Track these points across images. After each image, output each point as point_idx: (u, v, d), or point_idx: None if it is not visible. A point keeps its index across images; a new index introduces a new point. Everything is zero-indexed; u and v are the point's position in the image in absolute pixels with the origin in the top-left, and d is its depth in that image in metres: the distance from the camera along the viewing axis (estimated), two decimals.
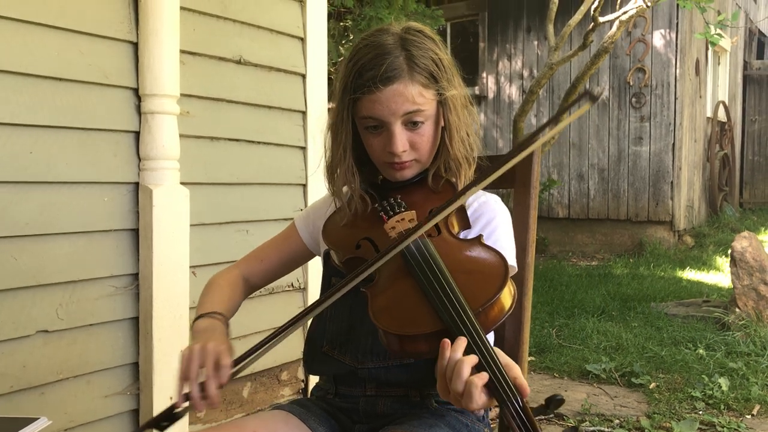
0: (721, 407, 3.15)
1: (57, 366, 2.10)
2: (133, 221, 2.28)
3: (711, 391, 3.28)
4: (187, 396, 1.11)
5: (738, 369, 3.56)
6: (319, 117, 3.00)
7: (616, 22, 5.11)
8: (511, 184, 1.51)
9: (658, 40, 7.55)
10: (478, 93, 8.55)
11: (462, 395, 0.96)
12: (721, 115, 9.65)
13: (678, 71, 7.50)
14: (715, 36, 4.97)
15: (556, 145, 8.01)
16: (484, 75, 8.60)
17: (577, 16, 5.35)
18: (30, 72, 2.01)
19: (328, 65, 3.40)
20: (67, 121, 2.11)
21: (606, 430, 2.94)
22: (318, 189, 2.99)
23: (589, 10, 5.25)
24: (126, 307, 2.28)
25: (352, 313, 1.29)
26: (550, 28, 5.56)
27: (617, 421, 3.03)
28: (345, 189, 1.32)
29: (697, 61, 8.25)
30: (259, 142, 2.78)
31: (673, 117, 7.53)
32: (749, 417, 3.06)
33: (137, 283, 2.30)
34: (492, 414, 2.07)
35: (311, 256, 1.49)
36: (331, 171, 1.32)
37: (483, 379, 0.96)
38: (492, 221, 1.29)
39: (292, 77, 2.93)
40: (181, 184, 2.36)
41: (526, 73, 8.32)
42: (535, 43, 8.24)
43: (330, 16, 5.33)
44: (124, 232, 2.27)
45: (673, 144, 7.55)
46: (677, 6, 7.01)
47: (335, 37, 5.82)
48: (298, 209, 2.93)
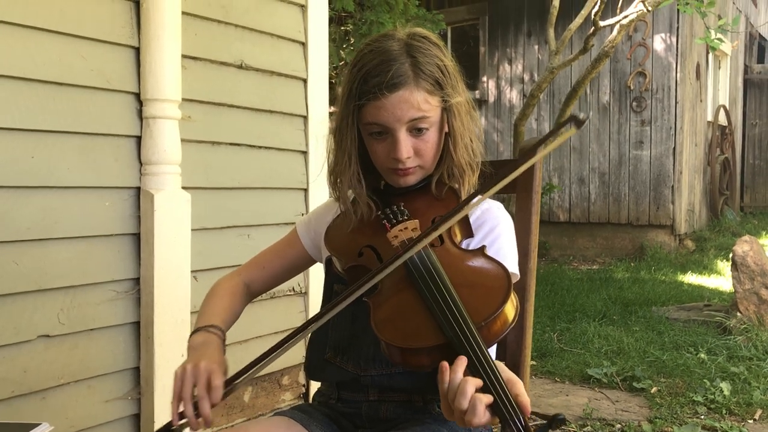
0: (723, 412, 3.14)
1: (58, 371, 2.09)
2: (134, 226, 2.28)
3: (713, 396, 3.27)
4: (182, 414, 1.14)
5: (740, 373, 3.55)
6: (320, 121, 3.00)
7: (617, 26, 5.11)
8: (513, 189, 1.51)
9: (658, 44, 7.55)
10: (478, 97, 8.55)
11: (466, 412, 0.96)
12: (722, 119, 9.65)
13: (679, 75, 7.50)
14: (715, 41, 4.97)
15: (557, 149, 8.01)
16: (485, 79, 8.61)
17: (578, 20, 5.35)
18: (31, 77, 2.01)
19: (329, 70, 3.40)
20: (69, 126, 2.11)
21: None
22: (319, 193, 2.99)
23: (589, 14, 5.26)
24: (127, 311, 2.27)
25: (355, 321, 1.29)
26: (551, 32, 5.57)
27: (619, 425, 3.03)
28: (350, 193, 1.31)
29: (698, 65, 8.26)
30: (260, 147, 2.78)
31: (674, 121, 7.53)
32: (751, 421, 3.05)
33: (138, 288, 2.30)
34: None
35: (312, 262, 1.48)
36: (334, 177, 1.32)
37: (488, 399, 0.96)
38: (495, 228, 1.28)
39: (293, 82, 2.93)
40: (183, 188, 2.36)
41: (526, 77, 8.32)
42: (536, 47, 8.25)
43: (331, 20, 5.33)
44: (126, 237, 2.27)
45: (674, 148, 7.55)
46: (678, 10, 7.01)
47: (336, 41, 5.83)
48: (300, 214, 2.93)
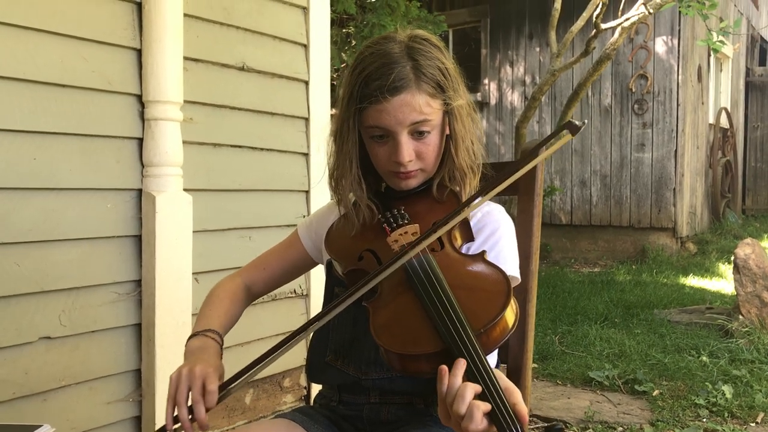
0: (725, 415, 3.13)
1: (59, 372, 2.09)
2: (136, 228, 2.28)
3: (715, 399, 3.26)
4: (176, 419, 1.14)
5: (742, 376, 3.55)
6: (322, 124, 3.00)
7: (618, 29, 5.12)
8: (514, 191, 1.50)
9: (660, 46, 7.55)
10: (480, 99, 8.55)
11: (463, 419, 0.95)
12: (724, 121, 9.64)
13: (680, 78, 7.50)
14: (717, 43, 4.97)
15: (559, 151, 8.00)
16: (486, 81, 8.61)
17: (579, 23, 5.35)
18: (33, 78, 2.02)
19: (331, 72, 3.40)
20: (71, 128, 2.11)
21: None
22: (321, 196, 2.99)
23: (591, 16, 5.26)
24: (129, 313, 2.27)
25: (356, 325, 1.28)
26: (552, 35, 5.57)
27: (620, 428, 3.02)
28: (351, 197, 1.30)
29: (700, 68, 8.25)
30: (262, 149, 2.78)
31: (676, 123, 7.53)
32: (753, 425, 3.05)
33: (140, 290, 2.30)
34: None
35: (314, 264, 1.48)
36: (335, 180, 1.31)
37: (486, 407, 0.95)
38: (496, 232, 1.27)
39: (295, 84, 2.93)
40: (184, 190, 2.36)
41: (528, 80, 8.32)
42: (537, 49, 8.25)
43: (332, 22, 5.34)
44: (127, 239, 2.27)
45: (676, 150, 7.55)
46: (679, 13, 7.01)
47: (338, 43, 5.84)
48: (301, 216, 2.92)
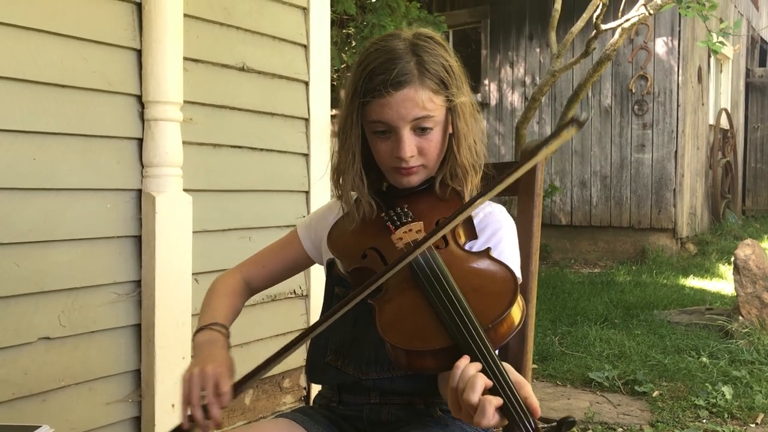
0: (725, 416, 3.13)
1: (59, 373, 2.09)
2: (135, 228, 2.28)
3: (714, 400, 3.26)
4: (191, 417, 1.15)
5: (742, 377, 3.55)
6: (322, 125, 3.00)
7: (619, 30, 5.12)
8: (514, 192, 1.51)
9: (660, 47, 7.55)
10: (480, 100, 8.55)
11: (476, 410, 0.94)
12: (724, 122, 9.64)
13: (680, 79, 7.50)
14: (717, 44, 4.96)
15: (559, 152, 8.01)
16: (487, 82, 8.61)
17: (580, 24, 5.35)
18: (33, 79, 2.01)
19: (331, 72, 3.40)
20: (70, 128, 2.11)
21: None
22: (321, 196, 2.98)
23: (591, 17, 5.26)
24: (128, 314, 2.27)
25: (356, 324, 1.28)
26: (553, 36, 5.57)
27: (620, 429, 3.02)
28: (352, 194, 1.30)
29: (700, 69, 8.26)
30: (262, 149, 2.78)
31: (676, 124, 7.53)
32: (753, 426, 3.05)
33: (139, 290, 2.29)
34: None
35: (312, 263, 1.48)
36: (338, 175, 1.31)
37: (497, 401, 0.94)
38: (497, 232, 1.28)
39: (295, 84, 2.93)
40: (184, 191, 2.36)
41: (528, 81, 8.33)
42: (537, 50, 8.25)
43: (333, 23, 5.33)
44: (127, 239, 2.27)
45: (676, 151, 7.55)
46: (679, 13, 7.01)
47: (338, 44, 5.84)
48: (301, 216, 2.92)
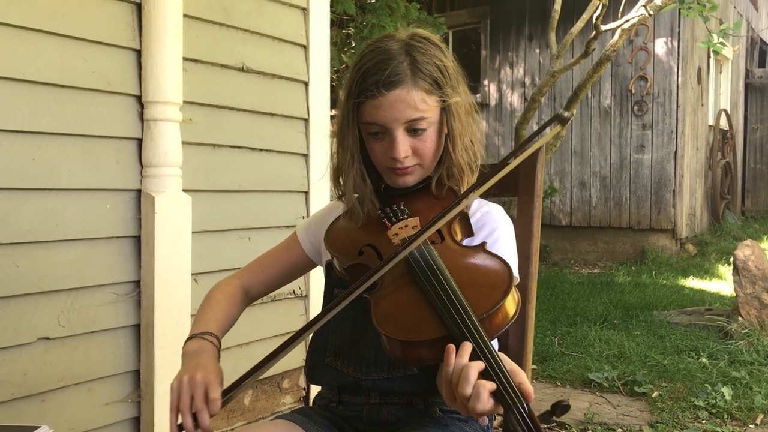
0: (725, 416, 3.13)
1: (58, 373, 2.09)
2: (135, 228, 2.28)
3: (714, 400, 3.26)
4: (180, 426, 1.14)
5: (741, 378, 3.55)
6: (322, 125, 3.00)
7: (618, 31, 5.11)
8: (514, 192, 1.51)
9: (660, 48, 7.56)
10: (480, 100, 8.55)
11: (470, 398, 0.95)
12: (723, 123, 9.65)
13: (680, 79, 7.51)
14: (717, 45, 4.96)
15: (558, 152, 8.01)
16: (486, 82, 8.61)
17: (579, 24, 5.35)
18: (33, 79, 2.01)
19: (331, 73, 3.40)
20: (70, 128, 2.11)
21: None
22: (320, 196, 2.98)
23: (591, 18, 5.25)
24: (128, 314, 2.27)
25: (356, 325, 1.29)
26: (552, 36, 5.56)
27: (620, 430, 3.02)
28: (353, 194, 1.31)
29: (699, 70, 8.26)
30: (261, 150, 2.78)
31: (675, 125, 7.53)
32: (752, 426, 3.05)
33: (139, 291, 2.29)
34: (495, 423, 2.06)
35: (313, 265, 1.48)
36: (337, 175, 1.32)
37: (491, 386, 0.96)
38: (494, 231, 1.28)
39: (294, 85, 2.93)
40: (183, 191, 2.36)
41: (528, 81, 8.33)
42: (537, 50, 8.25)
43: (332, 23, 5.33)
44: (126, 240, 2.27)
45: (675, 152, 7.55)
46: (679, 14, 7.01)
47: (338, 44, 5.83)
48: (300, 216, 2.92)
